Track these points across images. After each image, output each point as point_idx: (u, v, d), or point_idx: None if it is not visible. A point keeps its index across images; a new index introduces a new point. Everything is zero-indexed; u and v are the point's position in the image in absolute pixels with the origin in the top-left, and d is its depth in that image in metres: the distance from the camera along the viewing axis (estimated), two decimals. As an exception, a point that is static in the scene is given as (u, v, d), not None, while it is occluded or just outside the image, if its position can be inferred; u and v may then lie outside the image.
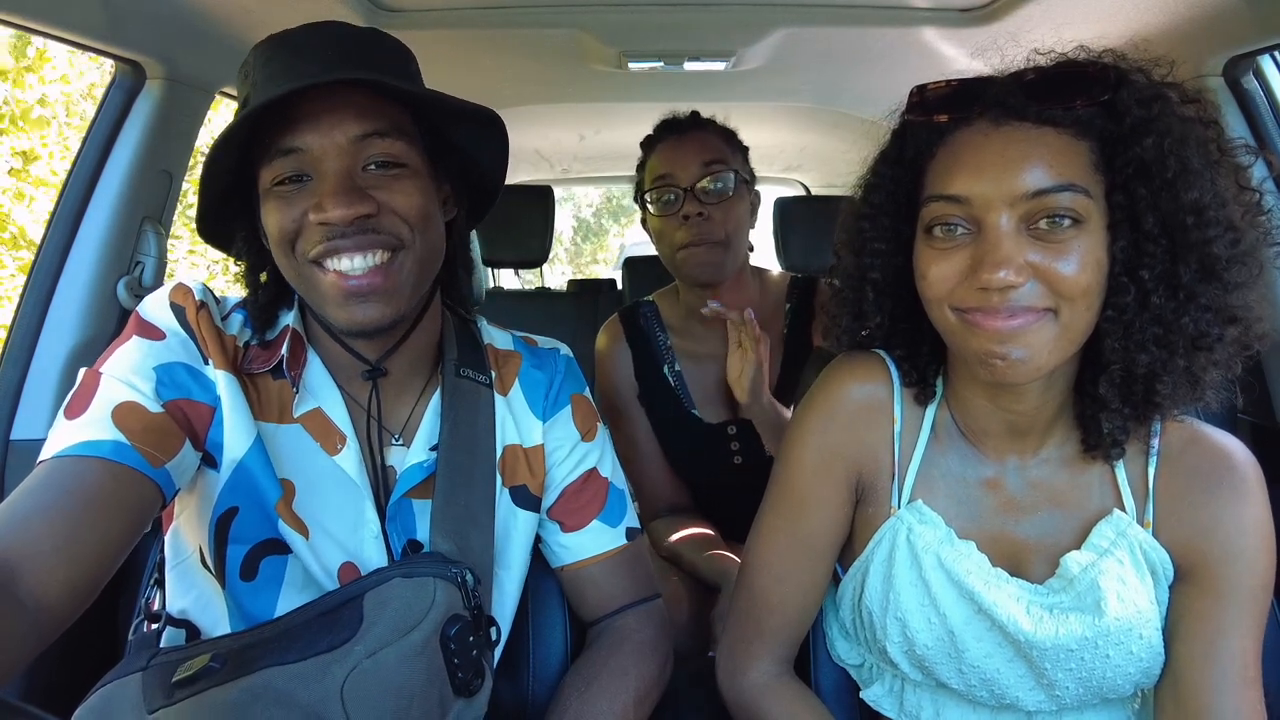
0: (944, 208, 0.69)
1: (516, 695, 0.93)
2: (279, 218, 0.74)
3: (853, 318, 0.83)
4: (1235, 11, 1.16)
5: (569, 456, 0.93)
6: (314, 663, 0.69)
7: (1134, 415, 0.72)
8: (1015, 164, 0.66)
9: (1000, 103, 0.69)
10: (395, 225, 0.75)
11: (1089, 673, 0.74)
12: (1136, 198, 0.67)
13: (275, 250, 0.77)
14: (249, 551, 0.78)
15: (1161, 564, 0.75)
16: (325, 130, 0.73)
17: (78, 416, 0.70)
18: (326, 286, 0.74)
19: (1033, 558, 0.78)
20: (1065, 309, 0.67)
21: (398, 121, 0.77)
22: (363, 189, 0.74)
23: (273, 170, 0.74)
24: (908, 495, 0.81)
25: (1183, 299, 0.67)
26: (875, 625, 0.82)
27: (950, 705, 0.84)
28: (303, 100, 0.73)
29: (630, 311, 1.51)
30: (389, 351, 0.83)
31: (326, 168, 0.73)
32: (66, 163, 4.29)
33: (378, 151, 0.75)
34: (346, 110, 0.74)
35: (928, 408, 0.83)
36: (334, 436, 0.82)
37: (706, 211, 1.30)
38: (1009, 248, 0.65)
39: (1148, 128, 0.66)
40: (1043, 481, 0.79)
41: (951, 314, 0.70)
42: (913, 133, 0.76)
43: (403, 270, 0.76)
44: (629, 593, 0.93)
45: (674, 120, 1.38)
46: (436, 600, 0.74)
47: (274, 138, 0.74)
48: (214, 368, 0.78)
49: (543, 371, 0.94)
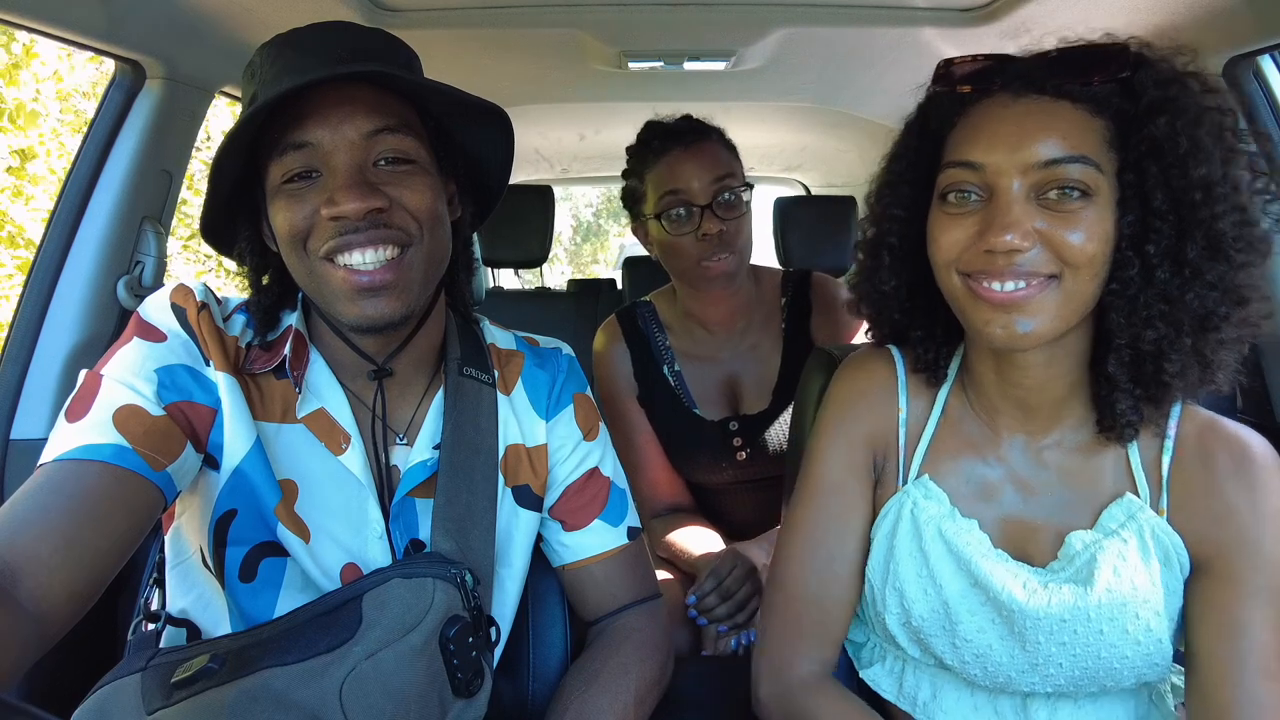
0: (959, 173, 0.72)
1: (516, 695, 0.94)
2: (289, 215, 0.74)
3: (870, 282, 0.85)
4: (1235, 11, 1.16)
5: (571, 455, 0.93)
6: (312, 664, 0.69)
7: (1146, 397, 0.73)
8: (1030, 134, 0.68)
9: (1021, 76, 0.71)
10: (405, 221, 0.75)
11: (1083, 649, 0.75)
12: (1147, 175, 0.69)
13: (285, 248, 0.77)
14: (248, 553, 0.78)
15: (1175, 550, 0.75)
16: (335, 125, 0.73)
17: (79, 420, 0.69)
18: (338, 283, 0.74)
19: (1042, 538, 0.79)
20: (1069, 276, 0.69)
21: (406, 118, 0.77)
22: (374, 184, 0.74)
23: (283, 166, 0.74)
24: (915, 472, 0.84)
25: (1188, 275, 0.68)
26: (875, 597, 0.83)
27: (948, 687, 0.84)
28: (312, 97, 0.73)
29: (628, 312, 1.50)
30: (395, 351, 0.83)
31: (338, 162, 0.73)
32: (63, 160, 4.29)
33: (388, 147, 0.75)
34: (356, 106, 0.74)
35: (940, 389, 0.85)
36: (338, 436, 0.82)
37: (725, 226, 1.28)
38: (1018, 212, 0.68)
39: (1162, 107, 0.68)
40: (1055, 463, 0.80)
41: (958, 278, 0.73)
42: (936, 104, 0.78)
43: (413, 267, 0.76)
44: (630, 592, 0.93)
45: (674, 129, 1.34)
46: (435, 601, 0.74)
47: (283, 134, 0.73)
48: (215, 369, 0.77)
49: (545, 371, 0.94)
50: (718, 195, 1.29)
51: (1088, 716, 0.81)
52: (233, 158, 0.73)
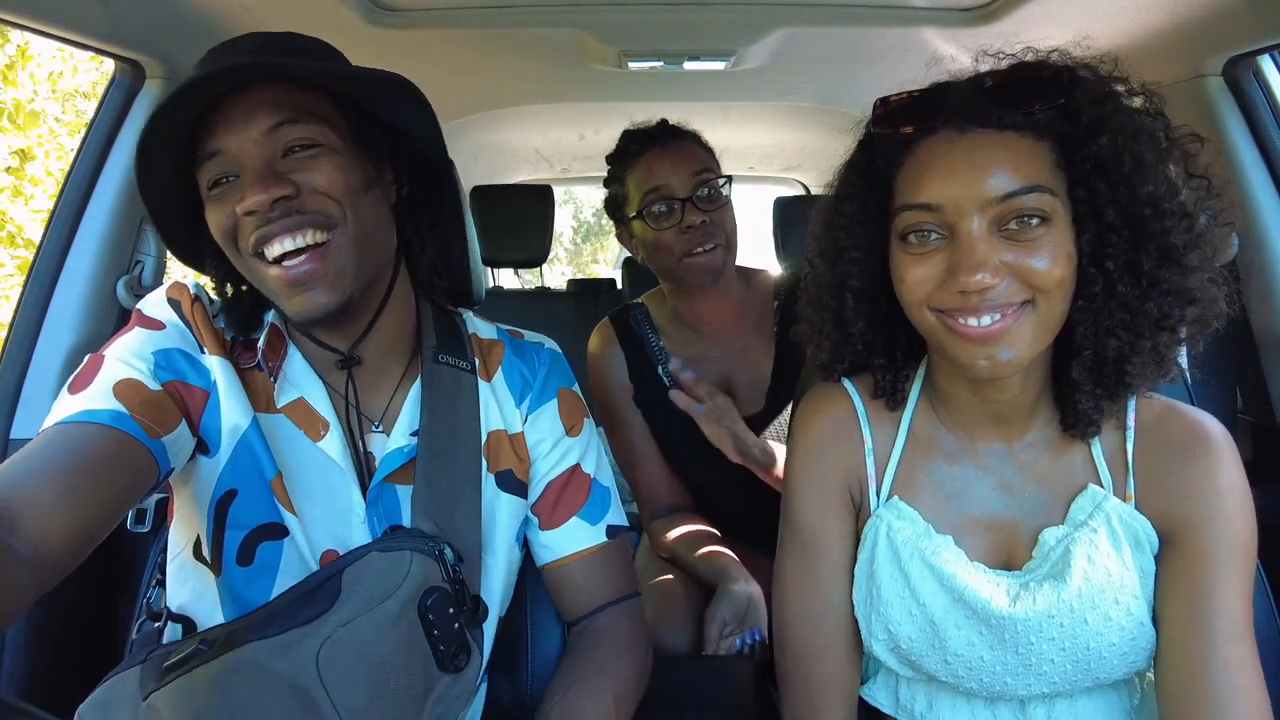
0: (917, 216, 0.72)
1: (515, 694, 0.94)
2: (216, 217, 0.77)
3: (834, 324, 0.85)
4: (1235, 11, 1.16)
5: (552, 451, 0.93)
6: (291, 635, 0.71)
7: (1107, 394, 0.76)
8: (982, 169, 0.69)
9: (962, 110, 0.71)
10: (320, 203, 0.76)
11: (1072, 642, 0.76)
12: (1097, 192, 0.70)
13: (226, 251, 0.79)
14: (246, 536, 0.80)
15: (1145, 532, 0.77)
16: (239, 129, 0.75)
17: (80, 391, 0.73)
18: (272, 280, 0.76)
19: (1021, 538, 0.81)
20: (1042, 301, 0.70)
21: (309, 107, 0.78)
22: (281, 174, 0.75)
23: (206, 174, 0.77)
24: (885, 496, 0.84)
25: (1146, 285, 0.71)
26: (862, 624, 0.83)
27: (943, 698, 0.85)
28: (222, 106, 0.75)
29: (621, 314, 1.51)
30: (358, 340, 0.85)
31: (245, 161, 0.76)
32: (62, 162, 4.29)
33: (293, 138, 0.77)
34: (258, 106, 0.76)
35: (902, 411, 0.85)
36: (317, 424, 0.84)
37: (708, 218, 1.31)
38: (983, 251, 0.68)
39: (1102, 126, 0.70)
40: (1029, 464, 0.81)
41: (931, 315, 0.73)
42: (880, 144, 0.78)
43: (339, 252, 0.77)
44: (607, 592, 0.93)
45: (650, 132, 1.37)
46: (412, 571, 0.75)
47: (200, 145, 0.76)
48: (209, 354, 0.82)
49: (524, 361, 0.95)
50: (697, 189, 1.31)
51: (1085, 711, 0.81)
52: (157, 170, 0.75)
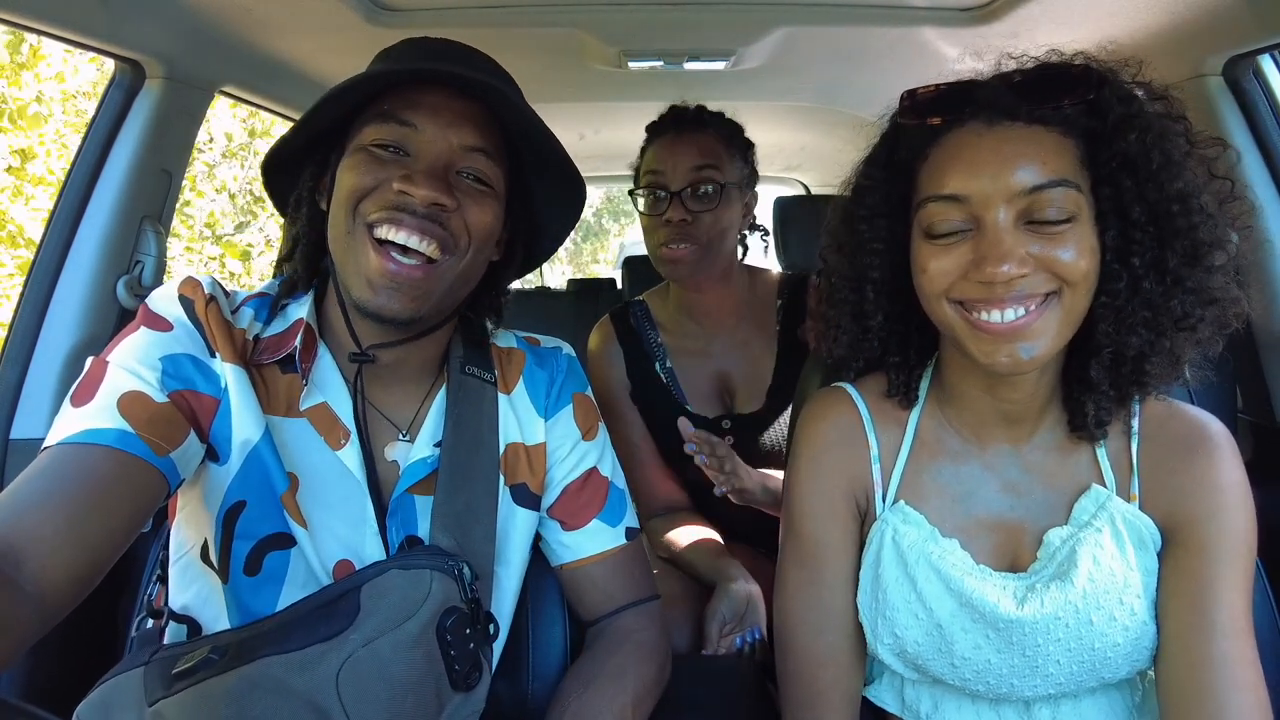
0: (942, 207, 0.72)
1: (516, 695, 0.93)
2: (360, 173, 0.77)
3: (852, 318, 0.84)
4: (1235, 11, 1.16)
5: (570, 455, 0.93)
6: (310, 651, 0.70)
7: (1118, 396, 0.76)
8: (1010, 162, 0.69)
9: (991, 104, 0.72)
10: (460, 229, 0.79)
11: (1078, 643, 0.76)
12: (1123, 190, 0.70)
13: (337, 206, 0.79)
14: (254, 546, 0.79)
15: (1149, 532, 0.77)
16: (444, 124, 0.78)
17: (83, 405, 0.70)
18: (369, 258, 0.76)
19: (1027, 539, 0.80)
20: (1067, 293, 0.70)
21: (500, 146, 0.81)
22: (452, 186, 0.78)
23: (378, 131, 0.78)
24: (890, 500, 0.83)
25: (1170, 283, 0.71)
26: (867, 629, 0.83)
27: (949, 700, 0.85)
28: (433, 90, 0.78)
29: (620, 312, 1.51)
30: (385, 345, 0.84)
31: (429, 151, 0.78)
32: (64, 161, 4.29)
33: (476, 165, 0.80)
34: (465, 117, 0.79)
35: (911, 412, 0.85)
36: (338, 432, 0.82)
37: (692, 218, 1.30)
38: (1010, 242, 0.68)
39: (1130, 124, 0.70)
40: (1036, 465, 0.81)
41: (950, 308, 0.73)
42: (905, 135, 0.78)
43: (441, 279, 0.79)
44: (628, 593, 0.93)
45: (681, 114, 1.37)
46: (433, 591, 0.74)
47: (395, 108, 0.78)
48: (221, 360, 0.78)
49: (545, 370, 0.95)
50: (694, 185, 1.30)
51: (1089, 711, 0.81)
52: (338, 107, 0.77)
